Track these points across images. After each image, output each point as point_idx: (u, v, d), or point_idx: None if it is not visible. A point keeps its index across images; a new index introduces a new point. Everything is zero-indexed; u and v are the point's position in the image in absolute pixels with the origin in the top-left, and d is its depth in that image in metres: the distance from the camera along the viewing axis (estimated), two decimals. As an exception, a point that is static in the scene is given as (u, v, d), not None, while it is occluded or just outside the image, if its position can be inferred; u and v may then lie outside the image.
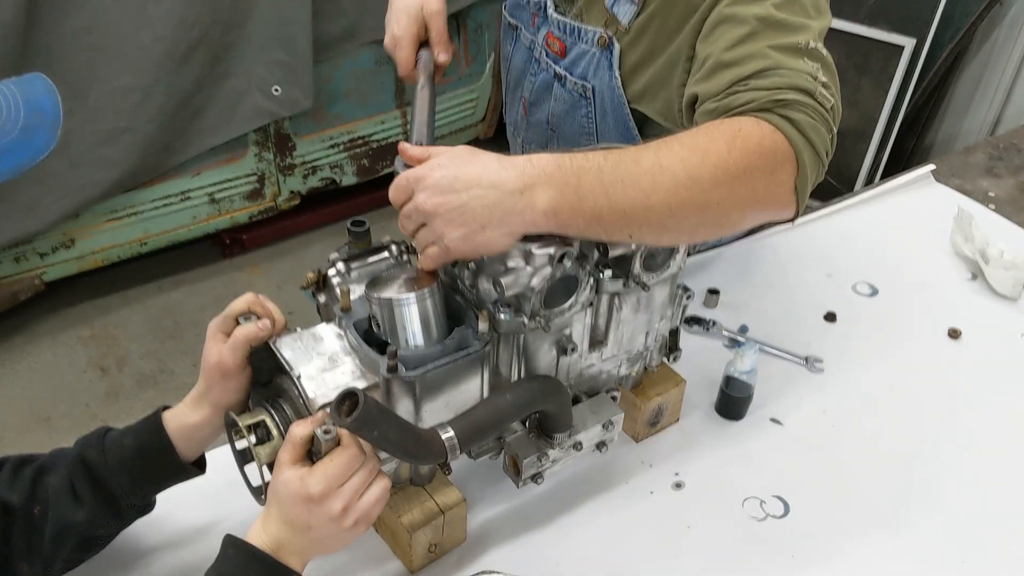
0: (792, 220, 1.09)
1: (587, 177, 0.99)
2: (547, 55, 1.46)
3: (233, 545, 1.00)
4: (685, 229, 1.04)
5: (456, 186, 1.00)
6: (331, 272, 1.16)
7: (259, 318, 1.10)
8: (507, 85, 1.62)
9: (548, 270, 1.07)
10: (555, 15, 1.43)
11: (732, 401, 1.45)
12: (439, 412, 1.07)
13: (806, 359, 1.57)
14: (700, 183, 0.99)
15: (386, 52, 1.47)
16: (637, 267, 1.16)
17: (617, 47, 1.35)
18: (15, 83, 1.06)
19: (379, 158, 3.53)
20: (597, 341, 1.23)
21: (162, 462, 1.11)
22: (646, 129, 1.38)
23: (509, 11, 1.57)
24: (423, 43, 1.46)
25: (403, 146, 1.06)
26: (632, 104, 1.37)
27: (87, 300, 3.19)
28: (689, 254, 1.36)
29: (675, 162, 0.99)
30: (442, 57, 1.44)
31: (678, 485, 1.35)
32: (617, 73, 1.35)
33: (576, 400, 1.24)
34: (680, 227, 1.03)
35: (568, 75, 1.42)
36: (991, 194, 2.04)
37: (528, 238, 1.06)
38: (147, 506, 1.15)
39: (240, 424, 1.05)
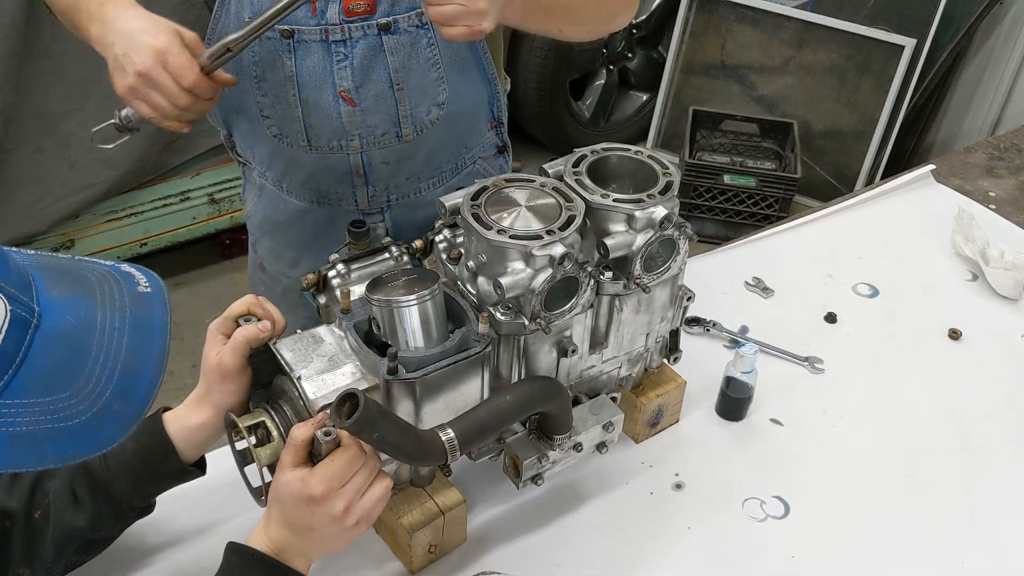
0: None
1: None
2: (356, 22, 1.33)
3: (237, 552, 1.00)
4: (587, 19, 1.41)
5: None
6: (331, 273, 1.16)
7: (259, 320, 1.10)
8: (301, 104, 1.39)
9: (548, 272, 1.07)
10: None
11: (732, 402, 1.45)
12: (439, 414, 1.07)
13: (806, 360, 1.57)
14: None
15: None
16: (637, 269, 1.16)
17: None
18: (131, 320, 0.76)
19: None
20: (597, 343, 1.23)
21: (163, 464, 1.10)
22: None
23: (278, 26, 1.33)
24: None
25: None
26: None
27: (87, 300, 3.18)
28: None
29: None
30: None
31: (678, 486, 1.35)
32: None
33: (576, 401, 1.24)
34: (584, 20, 1.41)
35: (394, 17, 1.34)
36: (991, 194, 2.04)
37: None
38: (147, 507, 1.14)
39: (240, 425, 1.05)
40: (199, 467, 1.15)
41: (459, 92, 1.44)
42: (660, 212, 1.14)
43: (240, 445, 1.10)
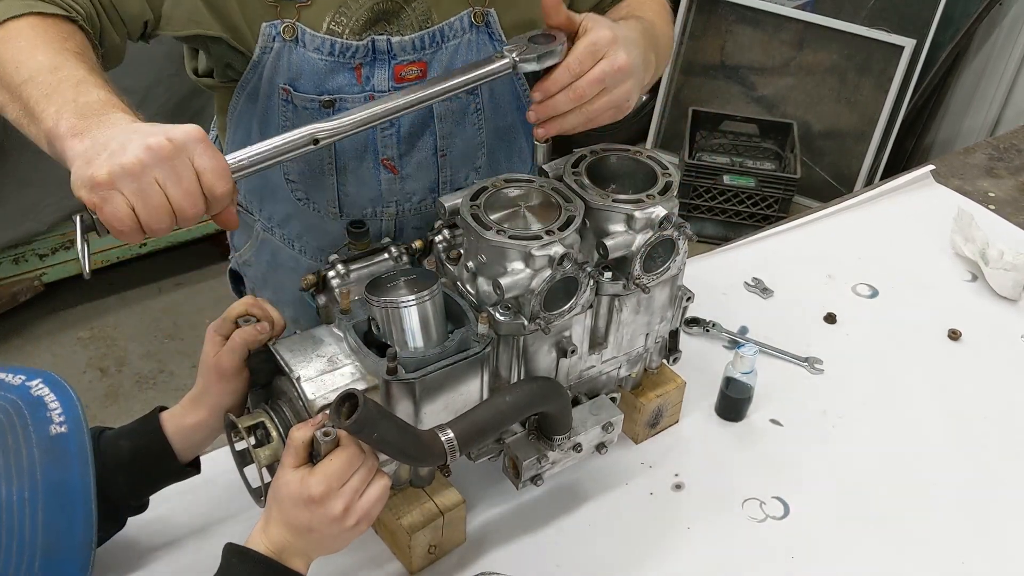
0: None
1: (652, 39, 1.19)
2: (406, 89, 1.23)
3: (236, 553, 1.00)
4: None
5: (636, 44, 1.09)
6: (331, 274, 1.16)
7: (258, 321, 1.10)
8: (337, 173, 1.33)
9: (548, 272, 1.07)
10: (398, 40, 1.22)
11: (732, 402, 1.45)
12: (438, 414, 1.07)
13: (806, 360, 1.57)
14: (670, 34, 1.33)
15: None
16: (637, 269, 1.16)
17: (494, 11, 1.26)
18: (44, 486, 0.61)
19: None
20: (597, 343, 1.23)
21: (161, 464, 1.11)
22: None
23: (308, 92, 1.23)
24: None
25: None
26: None
27: (86, 301, 3.18)
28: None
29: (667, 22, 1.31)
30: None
31: (678, 486, 1.35)
32: (503, 37, 1.28)
33: (576, 402, 1.24)
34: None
35: None
36: (991, 195, 2.04)
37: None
38: (141, 506, 1.15)
39: (239, 426, 1.05)
40: (193, 466, 1.15)
41: (497, 157, 1.41)
42: (660, 212, 1.14)
43: (239, 446, 1.10)
